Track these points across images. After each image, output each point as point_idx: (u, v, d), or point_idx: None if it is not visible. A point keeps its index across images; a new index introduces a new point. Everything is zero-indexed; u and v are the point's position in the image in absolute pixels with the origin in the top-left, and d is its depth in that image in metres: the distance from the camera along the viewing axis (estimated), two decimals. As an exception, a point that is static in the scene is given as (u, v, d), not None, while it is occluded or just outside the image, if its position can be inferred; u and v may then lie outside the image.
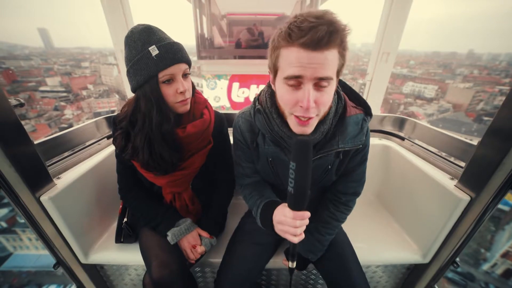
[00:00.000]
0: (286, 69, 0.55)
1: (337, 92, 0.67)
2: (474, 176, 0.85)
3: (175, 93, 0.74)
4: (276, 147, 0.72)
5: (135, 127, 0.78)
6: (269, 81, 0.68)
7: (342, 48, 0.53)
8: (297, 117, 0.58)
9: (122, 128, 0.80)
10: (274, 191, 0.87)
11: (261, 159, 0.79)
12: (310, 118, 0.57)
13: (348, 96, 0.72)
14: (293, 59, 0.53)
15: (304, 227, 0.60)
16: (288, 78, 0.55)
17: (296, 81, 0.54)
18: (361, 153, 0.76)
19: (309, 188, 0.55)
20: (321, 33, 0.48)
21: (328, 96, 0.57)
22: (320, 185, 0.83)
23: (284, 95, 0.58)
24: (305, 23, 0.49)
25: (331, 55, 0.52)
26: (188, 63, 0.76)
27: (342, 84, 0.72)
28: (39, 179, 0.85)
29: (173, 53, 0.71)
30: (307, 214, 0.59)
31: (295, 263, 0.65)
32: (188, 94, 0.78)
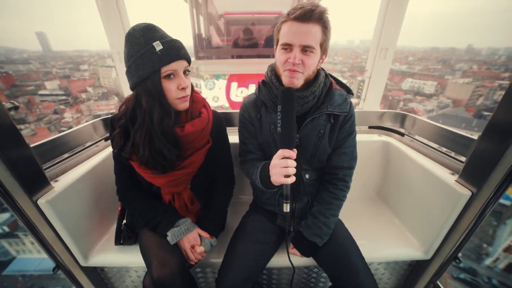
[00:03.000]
0: (282, 38, 0.75)
1: (325, 74, 0.87)
2: (475, 171, 0.84)
3: (176, 89, 0.75)
4: (276, 114, 0.83)
5: (134, 124, 0.78)
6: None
7: (323, 25, 0.71)
8: (288, 69, 0.75)
9: (120, 126, 0.80)
10: None
11: (264, 130, 0.90)
12: (297, 71, 0.75)
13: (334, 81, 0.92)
14: (287, 29, 0.73)
15: (294, 169, 0.68)
16: (283, 44, 0.75)
17: (289, 47, 0.74)
18: (348, 122, 0.87)
19: (295, 131, 0.68)
20: (307, 10, 0.69)
21: (311, 60, 0.74)
22: (316, 160, 0.90)
23: (280, 56, 0.77)
24: (299, 6, 0.71)
25: (315, 28, 0.71)
26: (189, 61, 0.78)
27: (329, 75, 0.89)
28: (36, 182, 0.84)
29: (177, 49, 0.72)
30: (294, 152, 0.68)
31: (289, 206, 0.72)
32: (188, 91, 0.79)
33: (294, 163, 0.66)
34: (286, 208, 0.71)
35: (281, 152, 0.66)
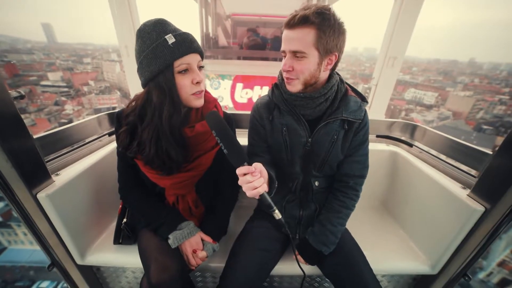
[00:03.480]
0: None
1: (340, 79, 0.84)
2: (489, 186, 0.82)
3: (191, 84, 0.72)
4: (289, 117, 0.84)
5: (143, 121, 0.75)
6: None
7: (317, 26, 0.67)
8: (285, 76, 0.78)
9: (128, 124, 0.77)
10: (279, 174, 0.86)
11: (275, 131, 0.88)
12: (291, 79, 0.76)
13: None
14: (282, 36, 0.74)
15: (261, 180, 0.62)
16: (281, 51, 0.76)
17: (284, 53, 0.76)
18: (363, 130, 0.85)
19: (238, 146, 0.63)
20: (295, 15, 0.68)
21: (303, 65, 0.72)
22: (327, 167, 0.88)
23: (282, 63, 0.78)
24: (293, 13, 0.70)
25: (302, 32, 0.68)
26: (202, 55, 0.76)
27: (343, 81, 0.87)
28: (37, 175, 0.81)
29: (189, 42, 0.70)
30: (248, 166, 0.62)
31: (278, 212, 0.67)
32: (203, 86, 0.77)
33: (256, 177, 0.62)
34: (277, 215, 0.68)
35: (238, 172, 0.62)
